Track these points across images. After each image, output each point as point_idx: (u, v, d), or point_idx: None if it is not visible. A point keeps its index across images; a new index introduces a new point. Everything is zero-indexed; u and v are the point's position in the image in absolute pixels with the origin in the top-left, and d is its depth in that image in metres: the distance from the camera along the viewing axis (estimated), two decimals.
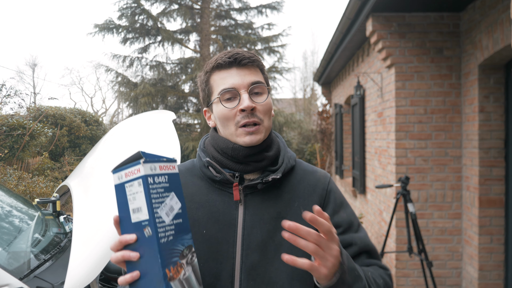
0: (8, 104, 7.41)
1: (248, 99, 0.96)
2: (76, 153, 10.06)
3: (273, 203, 1.00)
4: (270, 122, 1.03)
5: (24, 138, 6.27)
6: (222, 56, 1.00)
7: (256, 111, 0.98)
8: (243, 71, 0.99)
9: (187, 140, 10.81)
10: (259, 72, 1.02)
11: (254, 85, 0.98)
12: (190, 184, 1.04)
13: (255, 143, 0.98)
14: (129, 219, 0.75)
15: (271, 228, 0.97)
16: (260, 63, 1.03)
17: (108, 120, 23.86)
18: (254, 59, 1.00)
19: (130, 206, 0.75)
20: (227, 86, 0.97)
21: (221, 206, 0.99)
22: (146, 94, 10.81)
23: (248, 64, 0.99)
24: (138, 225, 0.74)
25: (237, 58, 0.98)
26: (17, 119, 6.34)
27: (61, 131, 9.24)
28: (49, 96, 8.63)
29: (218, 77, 1.00)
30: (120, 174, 0.76)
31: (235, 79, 0.98)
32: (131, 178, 0.74)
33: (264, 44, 12.01)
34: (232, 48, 1.12)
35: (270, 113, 1.02)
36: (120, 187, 0.76)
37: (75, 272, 1.66)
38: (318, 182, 1.07)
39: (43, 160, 8.11)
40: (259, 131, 0.98)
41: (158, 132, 2.47)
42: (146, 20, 11.30)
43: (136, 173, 0.73)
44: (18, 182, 5.74)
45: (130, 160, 0.76)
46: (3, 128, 6.08)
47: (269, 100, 1.01)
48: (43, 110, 9.21)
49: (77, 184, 2.37)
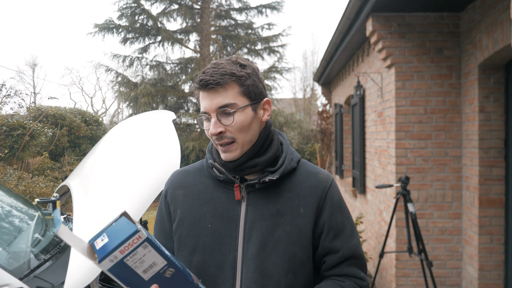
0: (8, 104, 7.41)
1: (214, 124, 1.01)
2: (76, 153, 10.06)
3: (273, 201, 1.06)
4: (251, 135, 1.04)
5: (24, 138, 6.27)
6: (199, 76, 1.03)
7: (226, 133, 1.02)
8: (211, 95, 1.01)
9: (187, 140, 10.81)
10: (232, 88, 1.01)
11: (221, 109, 1.00)
12: (197, 183, 1.12)
13: (231, 159, 1.04)
14: (142, 281, 0.82)
15: (271, 224, 1.04)
16: (236, 76, 1.01)
17: (108, 120, 23.85)
18: (218, 81, 0.99)
19: (138, 271, 0.80)
20: (202, 109, 1.04)
21: (225, 203, 1.06)
22: (146, 94, 10.81)
23: (214, 87, 1.00)
24: (156, 276, 0.82)
25: (203, 84, 1.00)
26: (17, 119, 6.34)
27: (61, 131, 9.23)
28: (49, 96, 8.62)
29: (199, 95, 1.05)
30: (112, 256, 0.77)
31: (206, 102, 1.02)
32: (132, 249, 0.77)
33: (264, 44, 12.01)
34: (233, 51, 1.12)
35: (245, 128, 1.03)
36: (118, 265, 0.78)
37: (75, 272, 1.66)
38: (319, 183, 1.10)
39: (43, 160, 8.11)
40: (233, 148, 1.03)
41: (158, 132, 2.47)
42: (146, 20, 11.30)
43: (136, 242, 0.77)
44: (18, 182, 5.74)
45: (108, 240, 0.78)
46: (3, 128, 6.07)
47: (240, 118, 1.01)
48: (43, 110, 9.20)
49: (77, 184, 2.37)
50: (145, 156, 2.28)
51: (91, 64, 34.26)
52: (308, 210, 1.06)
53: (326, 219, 1.07)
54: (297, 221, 1.04)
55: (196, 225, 1.06)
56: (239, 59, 1.06)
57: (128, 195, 1.99)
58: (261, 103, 1.07)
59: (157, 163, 2.17)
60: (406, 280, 3.76)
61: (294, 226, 1.04)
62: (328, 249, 1.07)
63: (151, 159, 2.23)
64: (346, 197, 6.88)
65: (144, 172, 2.13)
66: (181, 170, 1.19)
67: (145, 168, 2.17)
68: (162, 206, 1.16)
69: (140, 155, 2.32)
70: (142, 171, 2.15)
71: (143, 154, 2.32)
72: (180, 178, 1.15)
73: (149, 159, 2.24)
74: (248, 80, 1.03)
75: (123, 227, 0.78)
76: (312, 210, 1.06)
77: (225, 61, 1.04)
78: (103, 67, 11.72)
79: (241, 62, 1.04)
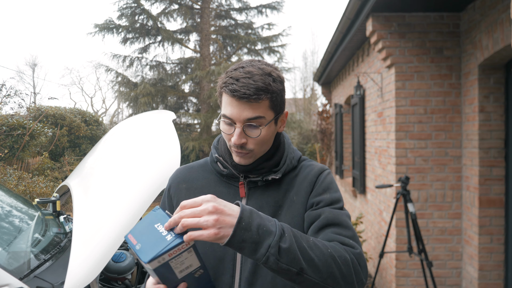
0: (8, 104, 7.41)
1: (239, 135, 1.00)
2: (76, 153, 10.06)
3: (272, 194, 1.10)
4: (266, 146, 1.07)
5: (24, 138, 6.27)
6: (231, 82, 0.98)
7: (247, 144, 1.03)
8: (242, 105, 0.99)
9: (187, 140, 10.81)
10: (264, 102, 1.00)
11: (249, 121, 1.00)
12: (201, 178, 1.16)
13: (244, 164, 1.07)
14: (175, 278, 0.87)
15: (269, 215, 1.05)
16: (268, 94, 0.99)
17: (108, 120, 23.86)
18: (253, 96, 0.96)
19: (176, 270, 0.86)
20: (227, 114, 1.01)
21: (227, 198, 1.08)
22: (146, 94, 10.81)
23: (247, 101, 0.98)
24: (188, 276, 0.88)
25: (237, 95, 0.97)
26: (17, 119, 6.34)
27: (61, 131, 9.23)
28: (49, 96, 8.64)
29: (224, 98, 1.02)
30: (161, 258, 0.82)
31: (234, 110, 0.99)
32: (178, 253, 0.83)
33: (264, 44, 12.01)
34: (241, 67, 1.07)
35: (264, 141, 1.05)
36: (163, 266, 0.84)
37: (75, 272, 1.66)
38: (311, 171, 1.13)
39: (43, 160, 8.11)
40: (248, 156, 1.05)
41: (158, 132, 2.47)
42: (146, 20, 11.30)
43: (183, 248, 0.83)
44: (18, 182, 5.74)
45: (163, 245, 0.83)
46: (3, 128, 6.07)
47: (264, 132, 1.02)
48: (43, 110, 9.21)
49: (77, 184, 2.37)
50: (145, 156, 2.28)
51: (91, 64, 34.25)
52: (300, 196, 1.08)
53: (313, 197, 1.08)
54: (291, 209, 1.07)
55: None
56: (272, 71, 1.02)
57: (128, 195, 1.99)
58: (281, 115, 1.08)
59: (157, 163, 2.17)
60: (406, 280, 3.76)
61: (289, 215, 1.06)
62: (310, 218, 1.04)
63: (151, 159, 2.23)
64: (346, 197, 6.88)
65: (144, 172, 2.13)
66: (185, 166, 1.23)
67: (145, 168, 2.17)
68: (165, 200, 1.19)
69: (140, 155, 2.32)
70: (142, 171, 2.15)
71: (143, 154, 2.32)
72: (184, 173, 1.19)
73: (149, 159, 2.24)
74: (278, 95, 1.03)
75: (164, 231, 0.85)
76: (304, 195, 1.08)
77: (258, 70, 0.99)
78: (103, 67, 11.72)
79: (273, 75, 1.01)
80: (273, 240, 0.83)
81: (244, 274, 1.03)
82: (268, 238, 0.84)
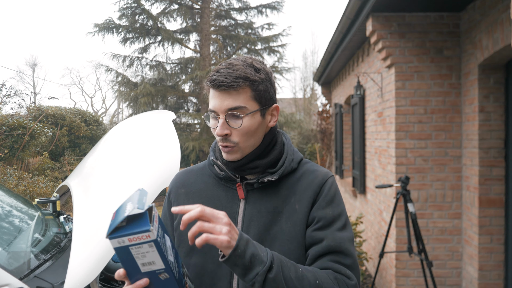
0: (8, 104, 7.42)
1: (222, 125, 1.01)
2: (76, 153, 10.06)
3: (271, 199, 1.07)
4: (254, 140, 1.05)
5: (24, 138, 6.27)
6: (212, 74, 1.02)
7: (231, 136, 1.03)
8: (223, 95, 1.01)
9: (187, 140, 10.81)
10: (244, 92, 1.01)
11: (230, 111, 1.00)
12: (199, 181, 1.15)
13: (232, 160, 1.05)
14: (138, 270, 0.84)
15: (267, 221, 1.05)
16: (250, 80, 1.00)
17: (108, 120, 23.87)
18: (231, 84, 0.98)
19: (138, 261, 0.82)
20: (211, 107, 1.04)
21: (225, 201, 1.08)
22: (146, 94, 10.81)
23: (227, 89, 0.99)
24: (151, 273, 0.84)
25: (215, 84, 1.00)
26: (17, 119, 6.34)
27: (61, 131, 9.23)
28: (49, 96, 8.63)
29: (209, 93, 1.05)
30: (120, 239, 0.80)
31: (216, 102, 1.02)
32: (138, 242, 0.80)
33: (264, 44, 12.01)
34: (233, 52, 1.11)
35: (250, 134, 1.03)
36: (123, 249, 0.81)
37: (75, 272, 1.66)
38: (315, 179, 1.10)
39: (43, 160, 8.11)
40: (234, 151, 1.04)
41: (158, 132, 2.47)
42: (146, 20, 11.30)
43: (145, 238, 0.79)
44: (18, 182, 5.75)
45: (125, 223, 0.80)
46: (3, 128, 6.08)
47: (248, 123, 1.02)
48: (43, 110, 9.21)
49: (77, 184, 2.37)
50: (145, 156, 2.28)
51: (91, 64, 34.30)
52: (303, 206, 1.06)
53: (316, 210, 1.05)
54: (292, 218, 1.05)
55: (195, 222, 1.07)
56: (254, 61, 1.05)
57: (128, 195, 1.99)
58: (270, 108, 1.08)
59: (157, 163, 2.17)
60: (406, 280, 3.76)
61: (290, 223, 1.04)
62: (312, 239, 1.03)
63: (151, 159, 2.23)
64: (346, 197, 6.88)
65: (144, 172, 2.13)
66: (185, 170, 1.23)
67: (145, 168, 2.17)
68: (165, 205, 1.20)
69: (140, 155, 2.32)
70: (142, 171, 2.15)
71: (143, 154, 2.32)
72: (182, 177, 1.19)
73: (149, 159, 2.24)
74: (261, 85, 1.03)
75: (141, 220, 0.81)
76: (307, 205, 1.06)
77: (240, 62, 1.03)
78: (103, 67, 11.73)
79: (256, 66, 1.03)
80: (261, 270, 0.88)
81: (241, 280, 1.00)
82: (258, 267, 0.88)
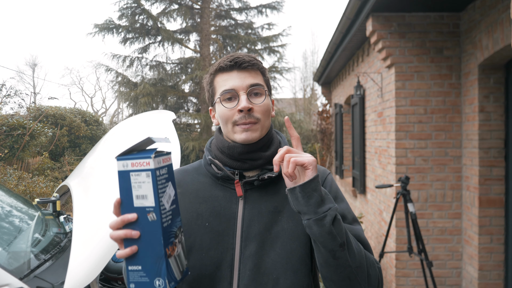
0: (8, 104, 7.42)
1: (246, 100, 1.02)
2: (76, 153, 10.06)
3: (271, 198, 1.06)
4: (268, 122, 1.08)
5: (24, 138, 6.27)
6: (225, 60, 1.06)
7: (254, 112, 1.04)
8: (243, 74, 1.05)
9: (187, 140, 10.81)
10: (259, 74, 1.08)
11: (252, 87, 1.04)
12: (195, 181, 1.13)
13: (251, 140, 1.04)
14: (131, 203, 0.83)
15: (268, 221, 1.04)
16: (261, 66, 1.09)
17: (108, 120, 23.87)
18: (254, 62, 1.06)
19: (133, 192, 0.82)
20: (228, 88, 1.04)
21: (223, 201, 1.07)
22: (146, 94, 10.81)
23: (248, 67, 1.05)
24: (141, 209, 0.83)
25: (238, 62, 1.04)
26: (17, 119, 6.34)
27: (61, 131, 9.24)
28: (49, 96, 8.64)
29: (220, 79, 1.07)
30: (125, 162, 0.82)
31: (235, 81, 1.04)
32: (139, 169, 0.81)
33: (264, 44, 12.00)
34: (234, 52, 1.15)
35: (268, 113, 1.08)
36: (124, 174, 0.83)
37: (75, 272, 1.66)
38: None
39: (43, 160, 8.11)
40: (255, 128, 1.04)
41: (158, 132, 2.47)
42: (146, 20, 11.30)
43: (144, 166, 0.81)
44: (18, 182, 5.75)
45: (137, 149, 0.84)
46: (3, 128, 6.08)
47: (267, 101, 1.07)
48: (43, 110, 9.21)
49: (77, 184, 2.37)
50: None
51: (91, 64, 34.27)
52: None
53: None
54: (294, 216, 1.04)
55: (193, 223, 1.06)
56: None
57: None
58: (271, 98, 1.13)
59: None
60: (406, 280, 3.76)
61: (292, 222, 1.04)
62: None
63: None
64: (346, 197, 6.88)
65: None
66: (180, 169, 1.20)
67: None
68: None
69: None
70: None
71: None
72: (178, 177, 1.16)
73: None
74: (267, 74, 1.12)
75: (149, 151, 0.83)
76: None
77: (244, 53, 1.09)
78: (103, 67, 11.71)
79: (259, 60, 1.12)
80: (333, 206, 0.93)
81: (242, 282, 0.99)
82: (330, 203, 0.93)
